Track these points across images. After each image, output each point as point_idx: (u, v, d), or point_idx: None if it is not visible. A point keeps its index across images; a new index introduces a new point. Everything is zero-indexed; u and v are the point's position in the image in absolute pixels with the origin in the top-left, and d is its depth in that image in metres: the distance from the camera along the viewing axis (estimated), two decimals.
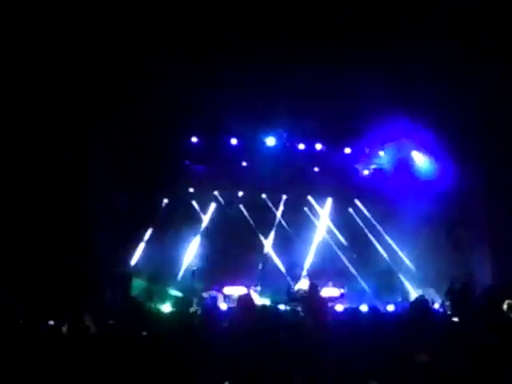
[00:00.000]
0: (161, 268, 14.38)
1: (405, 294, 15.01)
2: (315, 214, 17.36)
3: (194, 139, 14.27)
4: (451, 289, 11.76)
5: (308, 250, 16.66)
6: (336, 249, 16.64)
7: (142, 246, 14.86)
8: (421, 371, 4.41)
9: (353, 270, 16.01)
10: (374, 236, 16.52)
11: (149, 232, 15.19)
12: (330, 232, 17.17)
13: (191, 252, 15.66)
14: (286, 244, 16.46)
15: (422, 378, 4.23)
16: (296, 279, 14.56)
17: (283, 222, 16.79)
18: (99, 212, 11.86)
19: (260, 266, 14.40)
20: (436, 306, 12.38)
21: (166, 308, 12.40)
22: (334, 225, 17.21)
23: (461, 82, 11.84)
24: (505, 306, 7.58)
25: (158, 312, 11.22)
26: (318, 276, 14.31)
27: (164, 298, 13.53)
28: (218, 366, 5.00)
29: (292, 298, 12.94)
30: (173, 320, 8.38)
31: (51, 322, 7.28)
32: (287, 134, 14.51)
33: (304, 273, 15.18)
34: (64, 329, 6.65)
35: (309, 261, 16.42)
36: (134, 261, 14.21)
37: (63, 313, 7.45)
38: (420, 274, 14.98)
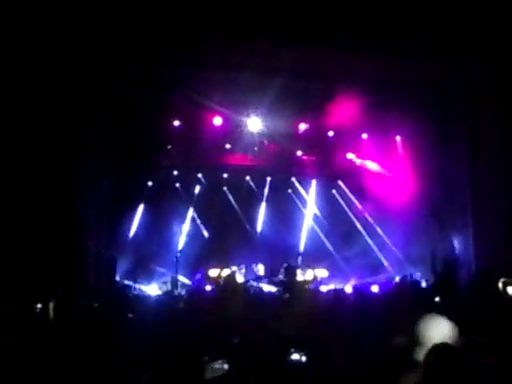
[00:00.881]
0: (147, 249, 14.42)
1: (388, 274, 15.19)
2: (300, 196, 17.44)
3: (176, 123, 14.10)
4: (434, 269, 11.89)
5: (295, 232, 16.78)
6: (319, 231, 16.78)
7: (128, 228, 14.85)
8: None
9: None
10: (356, 217, 16.65)
11: (137, 214, 15.16)
12: (314, 214, 17.29)
13: (177, 234, 15.69)
14: (272, 226, 16.56)
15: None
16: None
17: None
18: (84, 195, 11.76)
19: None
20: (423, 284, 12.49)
21: (153, 290, 12.46)
22: (318, 207, 17.34)
23: (449, 63, 11.81)
24: (500, 285, 7.61)
25: (144, 295, 11.25)
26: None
27: (150, 278, 13.62)
28: (203, 349, 5.02)
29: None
30: (158, 303, 8.37)
31: (39, 306, 7.22)
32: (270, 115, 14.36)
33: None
34: (49, 311, 6.62)
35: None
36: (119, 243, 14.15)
37: (47, 296, 7.40)
38: (403, 254, 15.09)
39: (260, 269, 14.47)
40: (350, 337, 5.16)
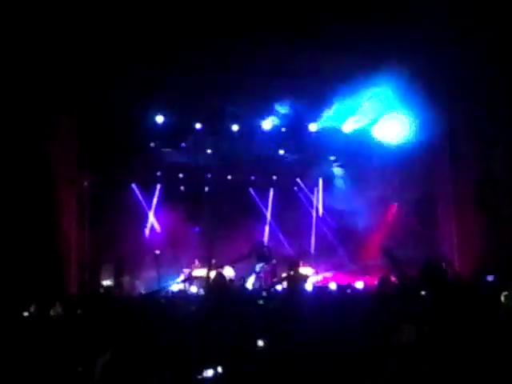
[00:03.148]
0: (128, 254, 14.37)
1: None
2: (284, 194, 17.58)
3: (160, 119, 13.89)
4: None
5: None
6: None
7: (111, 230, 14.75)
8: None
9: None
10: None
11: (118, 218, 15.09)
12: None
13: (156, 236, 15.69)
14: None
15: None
16: (263, 260, 14.53)
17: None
18: (65, 199, 11.66)
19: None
20: None
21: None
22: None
23: (428, 38, 11.76)
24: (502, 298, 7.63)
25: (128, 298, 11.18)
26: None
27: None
28: (189, 350, 5.04)
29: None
30: (142, 305, 8.35)
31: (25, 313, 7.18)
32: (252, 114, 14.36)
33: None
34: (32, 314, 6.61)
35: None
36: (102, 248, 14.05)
37: (30, 302, 7.37)
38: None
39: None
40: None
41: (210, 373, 4.86)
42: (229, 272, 13.31)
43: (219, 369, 4.88)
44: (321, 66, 12.08)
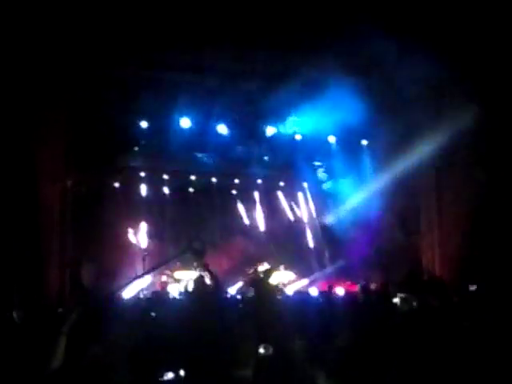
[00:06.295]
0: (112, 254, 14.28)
1: None
2: (267, 198, 17.61)
3: (144, 124, 13.95)
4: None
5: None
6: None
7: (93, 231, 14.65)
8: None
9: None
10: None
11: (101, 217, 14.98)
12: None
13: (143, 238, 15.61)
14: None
15: None
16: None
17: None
18: (47, 199, 11.53)
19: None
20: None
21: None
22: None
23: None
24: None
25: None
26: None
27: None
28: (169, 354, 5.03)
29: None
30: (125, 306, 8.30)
31: None
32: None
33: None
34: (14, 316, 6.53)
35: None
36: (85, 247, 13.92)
37: (9, 302, 7.29)
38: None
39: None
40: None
41: (170, 375, 4.85)
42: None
43: (181, 372, 4.87)
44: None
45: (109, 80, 12.21)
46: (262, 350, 5.00)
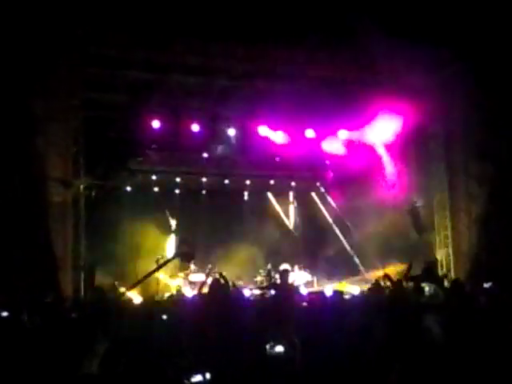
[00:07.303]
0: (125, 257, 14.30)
1: None
2: (279, 199, 17.64)
3: (156, 124, 13.84)
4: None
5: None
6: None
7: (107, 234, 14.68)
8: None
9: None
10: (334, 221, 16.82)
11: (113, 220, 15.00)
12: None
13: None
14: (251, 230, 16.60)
15: None
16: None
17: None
18: (60, 204, 11.55)
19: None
20: None
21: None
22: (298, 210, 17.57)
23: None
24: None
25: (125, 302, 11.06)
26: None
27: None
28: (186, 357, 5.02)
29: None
30: (140, 310, 8.28)
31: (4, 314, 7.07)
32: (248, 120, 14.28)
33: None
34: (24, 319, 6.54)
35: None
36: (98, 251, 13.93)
37: (21, 305, 7.27)
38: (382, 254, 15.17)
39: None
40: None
41: (198, 378, 4.84)
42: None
43: (207, 375, 4.87)
44: None
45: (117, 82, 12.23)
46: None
